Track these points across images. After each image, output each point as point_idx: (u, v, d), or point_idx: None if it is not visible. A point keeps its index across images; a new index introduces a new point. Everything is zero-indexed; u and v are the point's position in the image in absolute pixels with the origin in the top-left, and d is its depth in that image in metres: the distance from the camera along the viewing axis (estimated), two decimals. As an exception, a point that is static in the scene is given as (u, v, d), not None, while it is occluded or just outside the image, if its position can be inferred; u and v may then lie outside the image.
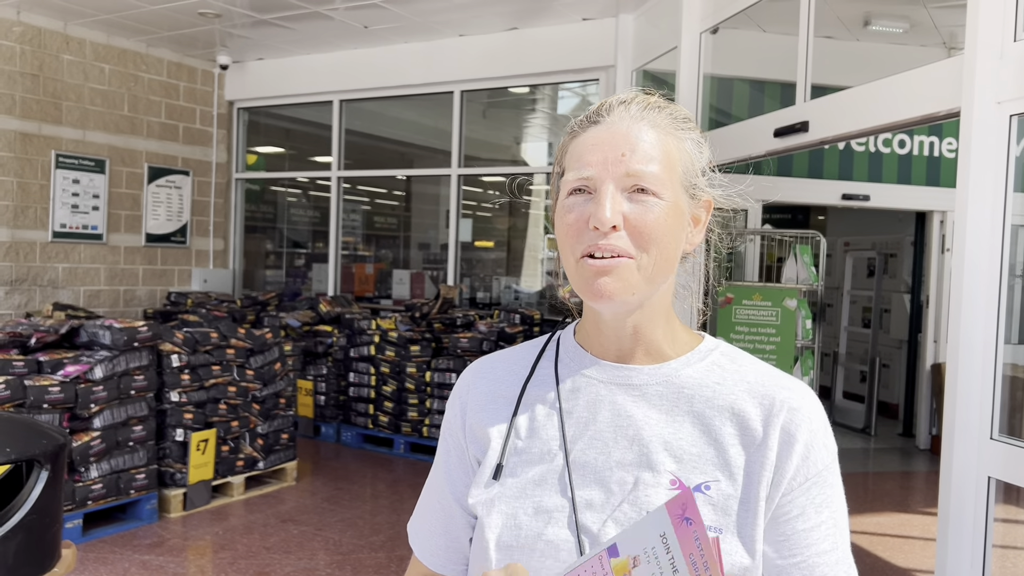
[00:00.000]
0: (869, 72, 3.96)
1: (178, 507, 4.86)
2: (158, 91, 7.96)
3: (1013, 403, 3.18)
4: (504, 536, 0.98)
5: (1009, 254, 2.85)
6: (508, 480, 1.01)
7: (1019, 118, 2.77)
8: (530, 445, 1.03)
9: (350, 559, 4.29)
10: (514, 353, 1.14)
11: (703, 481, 0.96)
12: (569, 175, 0.99)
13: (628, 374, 1.02)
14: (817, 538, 0.96)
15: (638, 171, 0.95)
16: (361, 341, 6.73)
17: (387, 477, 5.95)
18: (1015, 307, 4.77)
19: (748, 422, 0.98)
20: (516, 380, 1.09)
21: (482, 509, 1.01)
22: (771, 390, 1.00)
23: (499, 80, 7.53)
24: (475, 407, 1.09)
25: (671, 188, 0.97)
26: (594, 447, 1.00)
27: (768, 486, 0.96)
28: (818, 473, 0.97)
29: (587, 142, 0.99)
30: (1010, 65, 2.74)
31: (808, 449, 0.97)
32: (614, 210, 0.94)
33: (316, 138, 8.76)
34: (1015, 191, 2.84)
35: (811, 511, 0.96)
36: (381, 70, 7.83)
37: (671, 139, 1.00)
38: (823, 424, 1.00)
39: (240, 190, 8.98)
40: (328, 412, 6.88)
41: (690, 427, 0.99)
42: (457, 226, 7.86)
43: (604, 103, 1.03)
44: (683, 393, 1.01)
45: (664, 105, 1.02)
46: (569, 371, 1.06)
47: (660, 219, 0.96)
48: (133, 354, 4.58)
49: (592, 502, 0.97)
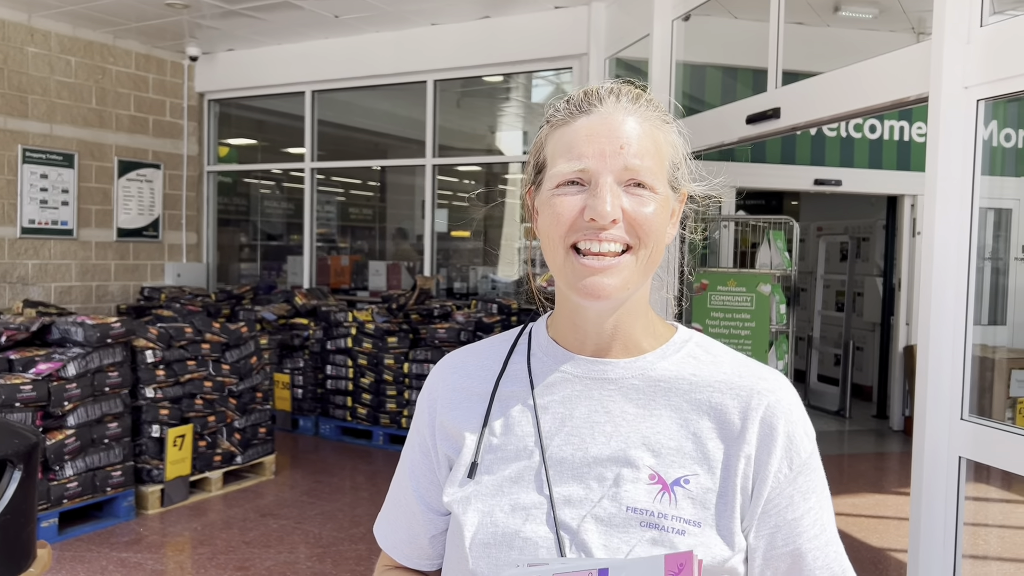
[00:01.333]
0: (840, 58, 3.99)
1: (156, 504, 4.83)
2: (126, 83, 7.85)
3: (982, 384, 3.24)
4: (480, 534, 0.97)
5: (977, 237, 2.89)
6: (484, 478, 1.01)
7: (986, 102, 2.81)
8: (505, 442, 1.02)
9: (330, 551, 4.29)
10: (484, 348, 1.13)
11: (682, 475, 0.96)
12: (561, 166, 0.97)
13: (604, 368, 1.01)
14: (807, 525, 0.97)
15: (636, 166, 0.95)
16: (338, 333, 6.71)
17: (366, 469, 5.94)
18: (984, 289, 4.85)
19: (726, 415, 0.98)
20: (488, 376, 1.08)
21: (458, 507, 1.00)
22: (748, 381, 1.00)
23: (472, 69, 7.50)
24: (445, 404, 1.08)
25: (662, 182, 0.97)
26: (571, 443, 0.99)
27: (748, 479, 0.96)
28: (803, 462, 0.98)
29: (579, 132, 0.97)
30: (976, 50, 2.78)
31: (790, 440, 0.97)
32: (614, 204, 0.93)
33: (289, 129, 8.69)
34: (982, 174, 2.88)
35: (798, 499, 0.97)
36: (353, 60, 7.78)
37: (660, 132, 0.99)
38: (801, 413, 1.01)
39: (212, 183, 8.90)
40: (306, 405, 6.86)
41: (667, 421, 0.98)
42: (433, 216, 7.84)
43: (591, 91, 1.01)
44: (659, 387, 1.00)
45: (650, 97, 1.02)
46: (542, 366, 1.05)
47: (655, 213, 0.96)
48: (106, 350, 4.53)
49: (570, 498, 0.96)
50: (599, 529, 0.94)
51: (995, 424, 2.89)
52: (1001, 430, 2.79)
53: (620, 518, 0.94)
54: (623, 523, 0.94)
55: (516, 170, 11.45)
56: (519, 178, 11.82)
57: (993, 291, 5.15)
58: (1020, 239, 5.47)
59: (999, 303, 5.20)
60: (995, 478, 4.44)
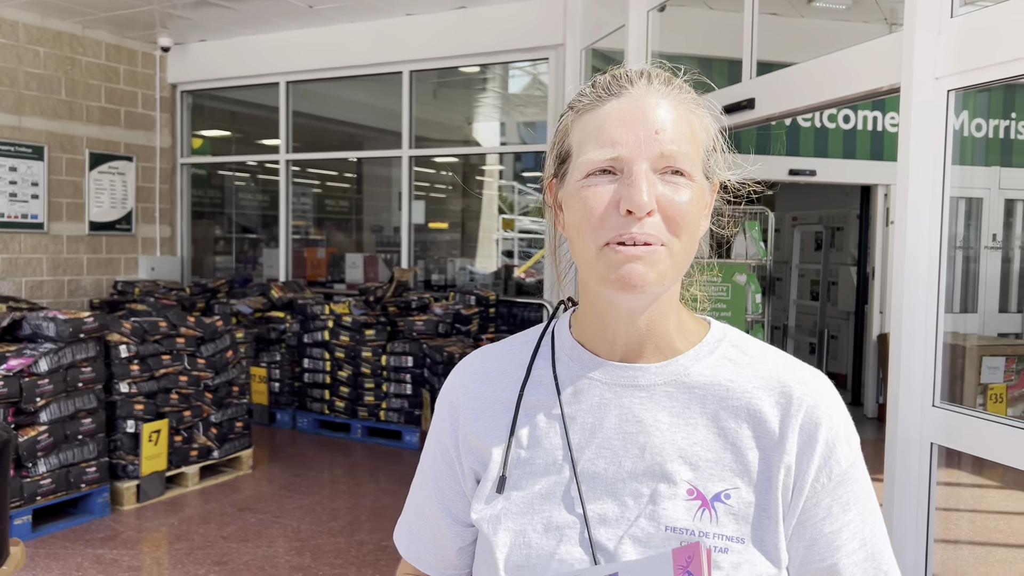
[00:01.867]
0: (814, 49, 4.01)
1: (131, 499, 4.79)
2: (97, 75, 7.74)
3: (954, 371, 3.29)
4: (514, 556, 0.92)
5: (948, 226, 2.93)
6: (513, 494, 0.95)
7: (956, 93, 2.84)
8: (533, 455, 0.96)
9: (309, 545, 4.28)
10: (505, 351, 1.05)
11: (722, 489, 0.90)
12: (591, 154, 0.89)
13: (634, 374, 0.95)
14: (845, 539, 0.92)
15: (673, 152, 0.88)
16: (315, 326, 6.67)
17: (345, 462, 5.93)
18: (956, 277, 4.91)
19: (765, 422, 0.92)
20: (511, 383, 1.00)
21: (487, 526, 0.95)
22: (788, 386, 0.94)
23: (448, 60, 7.47)
24: (468, 415, 1.01)
25: (698, 170, 0.91)
26: (603, 456, 0.93)
27: (788, 489, 0.90)
28: (844, 472, 0.92)
29: (610, 117, 0.90)
30: (947, 41, 2.80)
31: (830, 448, 0.92)
32: (650, 193, 0.86)
33: (263, 121, 8.61)
34: (953, 164, 2.91)
35: (837, 511, 0.92)
36: (328, 51, 7.72)
37: (695, 117, 0.93)
38: (843, 418, 0.94)
39: (186, 175, 8.80)
40: (283, 399, 6.82)
41: (704, 430, 0.92)
42: (410, 208, 7.81)
43: (620, 74, 0.94)
44: (694, 393, 0.94)
45: (684, 81, 0.95)
46: (568, 371, 0.98)
47: (691, 203, 0.89)
48: (79, 345, 4.48)
49: (605, 517, 0.91)
50: (637, 550, 0.89)
51: (966, 410, 2.93)
52: (972, 416, 2.84)
53: (659, 538, 0.89)
54: (662, 543, 0.88)
55: (493, 161, 11.44)
56: (497, 169, 11.80)
57: (964, 279, 5.22)
58: (990, 228, 5.54)
59: (970, 291, 5.27)
60: (966, 463, 4.50)
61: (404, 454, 6.11)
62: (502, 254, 11.77)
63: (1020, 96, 5.71)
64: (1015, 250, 5.66)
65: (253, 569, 3.96)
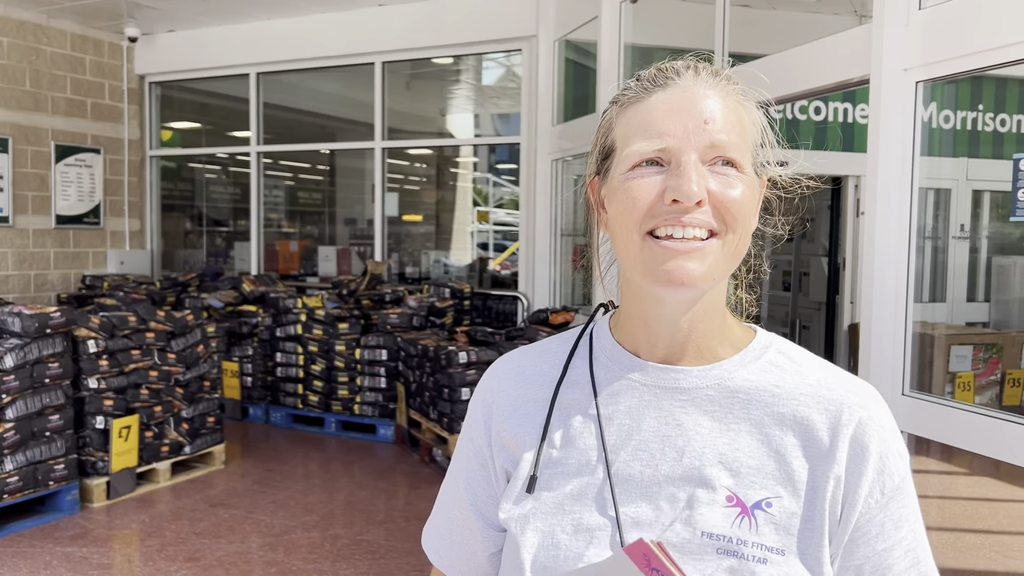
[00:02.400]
0: (785, 40, 4.03)
1: (101, 496, 4.73)
2: (62, 65, 7.61)
3: (922, 360, 3.32)
4: (541, 557, 0.89)
5: (917, 216, 2.96)
6: (543, 494, 0.92)
7: (924, 84, 2.86)
8: (566, 455, 0.93)
9: (283, 540, 4.25)
10: (542, 351, 1.03)
11: (763, 498, 0.87)
12: (638, 145, 0.86)
13: (675, 377, 0.92)
14: (897, 556, 0.89)
15: (723, 142, 0.85)
16: (287, 320, 6.62)
17: (319, 456, 5.89)
18: (924, 267, 4.97)
19: (813, 431, 0.89)
20: (547, 382, 0.98)
21: (515, 526, 0.92)
22: (838, 394, 0.91)
23: (421, 51, 7.42)
24: (502, 413, 0.99)
25: (748, 162, 0.88)
26: (639, 459, 0.90)
27: (836, 503, 0.87)
28: (896, 487, 0.89)
29: (657, 108, 0.87)
30: (915, 33, 2.82)
31: (883, 462, 0.88)
32: (700, 183, 0.83)
33: (233, 112, 8.52)
34: (922, 155, 2.94)
35: (890, 528, 0.89)
36: (299, 41, 7.64)
37: (743, 109, 0.90)
38: (894, 431, 0.92)
39: (155, 168, 8.69)
40: (256, 393, 6.76)
41: (747, 437, 0.89)
42: (383, 200, 7.76)
43: (665, 67, 0.91)
44: (738, 398, 0.91)
45: (731, 74, 0.93)
46: (607, 372, 0.95)
47: (744, 195, 0.86)
48: (46, 341, 4.41)
49: (639, 520, 0.88)
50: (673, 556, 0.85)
51: (935, 399, 2.97)
52: (940, 404, 2.87)
53: (694, 544, 0.85)
54: (697, 550, 0.85)
55: (467, 153, 11.41)
56: (471, 161, 11.77)
57: (933, 269, 5.29)
58: (958, 218, 5.62)
59: (938, 281, 5.34)
60: (935, 451, 4.57)
61: (378, 448, 6.08)
62: (477, 246, 11.76)
63: (987, 88, 5.78)
64: (982, 240, 5.74)
65: (226, 565, 3.93)
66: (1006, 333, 4.94)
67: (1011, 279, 5.18)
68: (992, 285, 5.35)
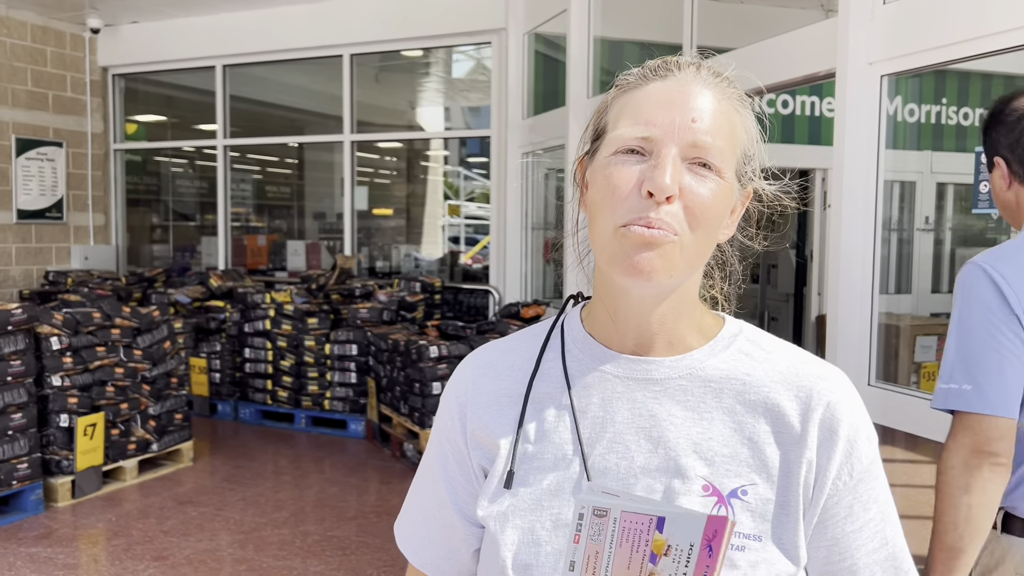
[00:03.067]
0: (753, 34, 4.06)
1: (66, 496, 4.65)
2: (22, 57, 7.45)
3: (888, 351, 3.37)
4: (522, 554, 0.89)
5: (883, 209, 2.99)
6: (521, 490, 0.92)
7: (889, 78, 2.89)
8: (541, 450, 0.93)
9: (252, 537, 4.21)
10: (514, 344, 1.02)
11: (739, 485, 0.88)
12: (624, 129, 0.87)
13: (647, 368, 0.92)
14: (866, 537, 0.91)
15: (706, 143, 0.85)
16: (255, 315, 6.55)
17: (289, 453, 5.85)
18: (890, 259, 5.03)
19: (784, 417, 0.90)
20: (520, 376, 0.97)
21: (494, 524, 0.92)
22: (807, 380, 0.92)
23: (390, 43, 7.37)
24: (476, 409, 0.98)
25: (730, 169, 0.88)
26: (614, 451, 0.90)
27: (809, 487, 0.89)
28: (864, 469, 0.91)
29: (651, 96, 0.87)
30: (880, 27, 2.85)
31: (851, 445, 0.90)
32: (674, 178, 0.83)
33: (200, 105, 8.40)
34: (887, 148, 2.97)
35: (858, 510, 0.91)
36: (265, 33, 7.55)
37: (737, 115, 0.90)
38: (863, 415, 0.93)
39: (120, 161, 8.55)
40: (224, 390, 6.69)
41: (720, 425, 0.90)
42: (352, 194, 7.71)
43: (670, 59, 0.91)
44: (710, 387, 0.92)
45: (733, 77, 0.92)
46: (579, 364, 0.95)
47: (715, 199, 0.86)
48: (7, 338, 4.32)
49: None
50: None
51: (900, 389, 3.01)
52: (906, 394, 2.91)
53: None
54: None
55: (438, 146, 11.35)
56: (441, 154, 11.72)
57: (898, 261, 5.36)
58: (923, 211, 5.69)
59: (904, 272, 5.41)
60: (900, 440, 4.63)
61: (349, 443, 6.05)
62: (448, 240, 11.72)
63: (950, 82, 5.87)
64: (946, 232, 5.82)
65: (195, 563, 3.89)
66: (969, 323, 5.02)
67: (974, 270, 5.28)
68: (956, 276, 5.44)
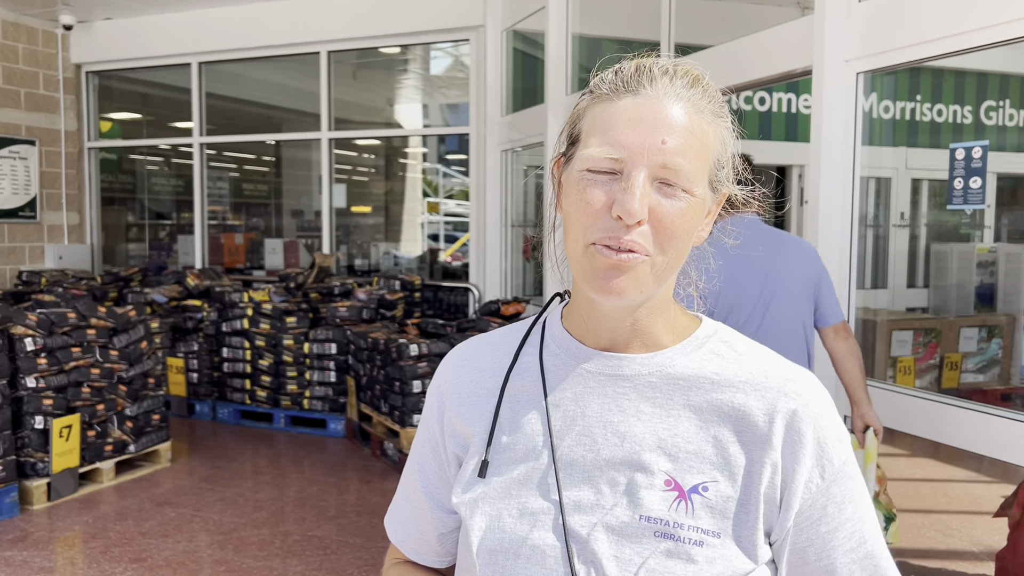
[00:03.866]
0: (730, 31, 4.07)
1: (42, 498, 4.60)
2: (-6, 54, 7.34)
3: (865, 345, 3.39)
4: (487, 540, 0.92)
5: (859, 205, 3.02)
6: (493, 479, 0.95)
7: (865, 75, 2.91)
8: (514, 441, 0.96)
9: (232, 538, 4.18)
10: (496, 339, 1.06)
11: (700, 482, 0.89)
12: (594, 149, 0.88)
13: (619, 364, 0.95)
14: (842, 538, 0.91)
15: (676, 164, 0.86)
16: (233, 315, 6.50)
17: (268, 452, 5.81)
18: (867, 254, 5.08)
19: (750, 418, 0.91)
20: (499, 369, 1.01)
21: (465, 510, 0.95)
22: (775, 382, 0.93)
23: (367, 40, 7.33)
24: (455, 399, 1.02)
25: (701, 184, 0.89)
26: (582, 444, 0.93)
27: (774, 488, 0.89)
28: (837, 470, 0.91)
29: (622, 115, 0.88)
30: (856, 25, 2.87)
31: (821, 447, 0.91)
32: (643, 203, 0.84)
33: (175, 103, 8.32)
34: (863, 144, 2.99)
35: (833, 510, 0.91)
36: (242, 30, 7.49)
37: (710, 127, 0.90)
38: (832, 416, 0.94)
39: (94, 159, 8.45)
40: (202, 390, 6.64)
41: (686, 422, 0.92)
42: (331, 192, 7.67)
43: (643, 67, 0.90)
44: (678, 385, 0.94)
45: (708, 84, 0.92)
46: (555, 360, 0.98)
47: (685, 218, 0.87)
48: (-20, 340, 4.26)
49: (580, 504, 0.91)
50: (610, 539, 0.88)
51: (877, 383, 3.04)
52: (883, 389, 2.94)
53: (633, 527, 0.88)
54: (636, 532, 0.88)
55: (417, 143, 11.32)
56: (420, 152, 11.69)
57: (875, 256, 5.41)
58: (899, 206, 5.75)
59: (880, 268, 5.46)
60: (877, 434, 4.68)
61: (329, 442, 6.02)
62: (427, 238, 11.69)
63: (924, 79, 5.93)
64: (921, 227, 5.89)
65: (173, 565, 3.86)
66: (944, 318, 5.08)
67: (948, 265, 5.33)
68: (931, 271, 5.49)
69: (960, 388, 4.38)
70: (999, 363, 4.54)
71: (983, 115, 5.96)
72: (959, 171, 2.63)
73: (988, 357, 4.53)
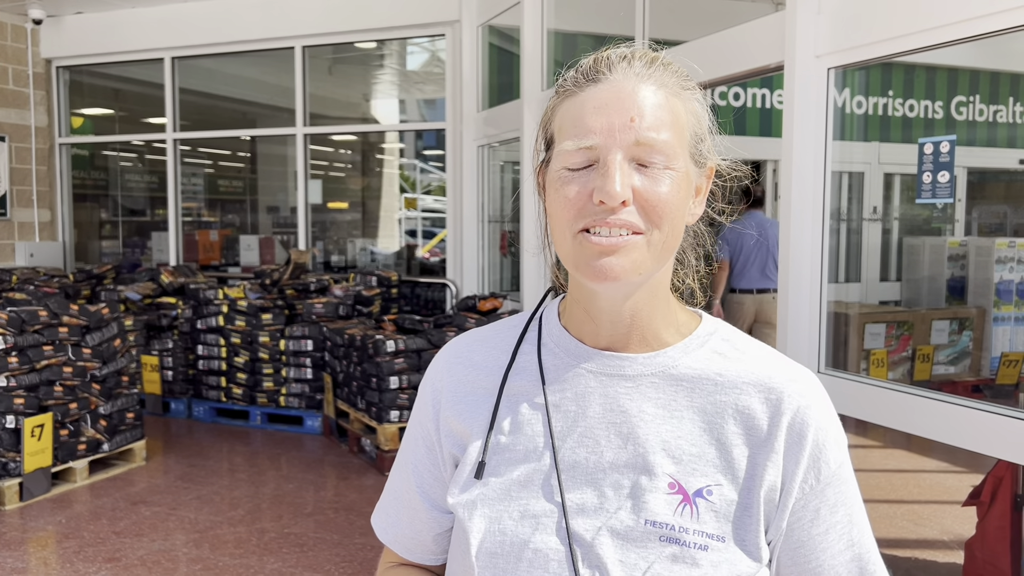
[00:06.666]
0: (705, 27, 4.09)
1: (14, 498, 4.54)
2: (-39, 48, 7.23)
3: (838, 338, 3.43)
4: (487, 543, 0.90)
5: (831, 199, 3.04)
6: (491, 480, 0.93)
7: (836, 71, 2.94)
8: (514, 442, 0.94)
9: (208, 536, 4.15)
10: (491, 335, 1.04)
11: (704, 485, 0.89)
12: (567, 143, 0.87)
13: (620, 364, 0.93)
14: (832, 540, 0.92)
15: (650, 139, 0.85)
16: (208, 312, 6.45)
17: (244, 450, 5.78)
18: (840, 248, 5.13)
19: (753, 419, 0.91)
20: (496, 368, 0.99)
21: (463, 511, 0.93)
22: (778, 383, 0.92)
23: (342, 35, 7.29)
24: (451, 398, 1.00)
25: (682, 157, 0.88)
26: (585, 445, 0.91)
27: (775, 490, 0.89)
28: (832, 473, 0.91)
29: (587, 104, 0.87)
30: (827, 20, 2.90)
31: (819, 449, 0.91)
32: (623, 183, 0.84)
33: (148, 98, 8.23)
34: (835, 140, 3.02)
35: (825, 513, 0.91)
36: (215, 24, 7.41)
37: (678, 100, 0.89)
38: (832, 419, 0.94)
39: (66, 156, 8.34)
40: (177, 387, 6.58)
41: (690, 424, 0.91)
42: (306, 188, 7.62)
43: (601, 57, 0.90)
44: (682, 385, 0.92)
45: (667, 61, 0.91)
46: (554, 359, 0.96)
47: (672, 192, 0.86)
48: (-51, 338, 4.20)
49: (584, 507, 0.89)
50: (615, 543, 0.87)
51: (850, 376, 3.07)
52: (856, 381, 2.98)
53: (638, 532, 0.87)
54: (641, 537, 0.87)
55: (393, 139, 11.28)
56: (397, 147, 11.64)
57: (847, 250, 5.46)
58: (871, 201, 5.81)
59: (852, 261, 5.52)
60: (850, 426, 4.73)
61: (305, 439, 6.00)
62: (404, 233, 11.66)
63: (896, 74, 5.99)
64: (893, 221, 5.95)
65: (148, 564, 3.83)
66: (916, 311, 5.13)
67: (920, 259, 5.39)
68: (903, 265, 5.55)
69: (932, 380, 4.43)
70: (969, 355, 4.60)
71: (954, 110, 6.04)
72: (927, 165, 2.66)
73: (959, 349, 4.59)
